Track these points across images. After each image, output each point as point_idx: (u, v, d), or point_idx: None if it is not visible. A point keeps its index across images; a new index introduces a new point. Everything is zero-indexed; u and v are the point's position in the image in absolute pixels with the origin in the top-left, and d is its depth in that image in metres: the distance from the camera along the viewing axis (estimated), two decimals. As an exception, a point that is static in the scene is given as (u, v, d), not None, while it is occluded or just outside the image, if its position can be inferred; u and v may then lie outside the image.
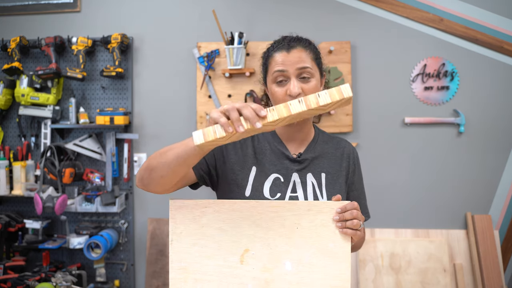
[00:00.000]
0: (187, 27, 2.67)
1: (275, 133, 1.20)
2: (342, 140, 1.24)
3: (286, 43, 1.11)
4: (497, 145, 2.55)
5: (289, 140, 1.19)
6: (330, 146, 1.20)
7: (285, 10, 2.62)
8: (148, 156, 2.68)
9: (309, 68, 1.08)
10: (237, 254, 0.98)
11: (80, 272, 2.49)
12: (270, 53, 1.14)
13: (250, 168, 1.14)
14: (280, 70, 1.08)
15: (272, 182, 1.13)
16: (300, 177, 1.14)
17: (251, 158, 1.15)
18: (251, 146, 1.17)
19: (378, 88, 2.60)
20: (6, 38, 2.66)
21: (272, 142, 1.18)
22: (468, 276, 2.50)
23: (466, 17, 2.54)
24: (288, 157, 1.16)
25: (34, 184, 2.60)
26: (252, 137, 1.19)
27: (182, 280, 1.00)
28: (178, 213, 1.00)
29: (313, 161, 1.16)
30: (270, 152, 1.16)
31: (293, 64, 1.07)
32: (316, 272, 0.97)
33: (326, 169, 1.16)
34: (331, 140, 1.23)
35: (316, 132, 1.23)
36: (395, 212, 2.61)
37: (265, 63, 1.16)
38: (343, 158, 1.20)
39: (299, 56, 1.08)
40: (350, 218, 0.96)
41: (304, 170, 1.15)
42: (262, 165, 1.15)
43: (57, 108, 2.62)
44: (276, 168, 1.14)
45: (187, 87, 2.67)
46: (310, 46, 1.13)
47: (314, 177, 1.15)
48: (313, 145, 1.19)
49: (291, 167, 1.15)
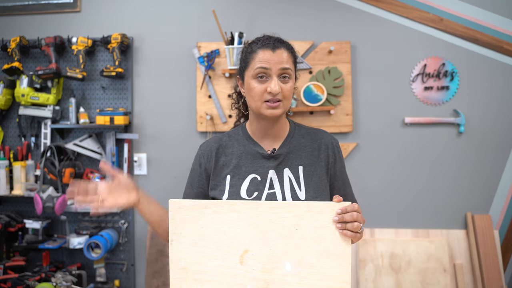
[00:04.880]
0: (187, 27, 2.67)
1: (248, 135, 1.23)
2: (320, 131, 1.25)
3: (272, 42, 1.13)
4: (497, 145, 2.55)
5: (263, 138, 1.22)
6: (307, 139, 1.22)
7: (285, 10, 2.62)
8: (148, 156, 2.69)
9: (290, 70, 1.12)
10: (236, 254, 0.98)
11: (80, 272, 2.49)
12: (253, 48, 1.15)
13: (224, 178, 1.19)
14: (264, 67, 1.11)
15: (249, 183, 1.16)
16: (276, 173, 1.17)
17: (223, 169, 1.20)
18: (223, 155, 1.22)
19: (378, 88, 2.60)
20: (6, 38, 2.66)
21: (247, 144, 1.21)
22: (468, 276, 2.50)
23: (466, 17, 2.54)
24: (263, 155, 1.18)
25: (34, 184, 2.60)
26: (223, 146, 1.23)
27: (182, 280, 1.00)
28: (177, 213, 1.00)
29: (288, 155, 1.19)
30: (246, 155, 1.19)
31: (277, 63, 1.11)
32: (316, 273, 0.97)
33: (303, 161, 1.18)
34: (308, 132, 1.25)
35: (291, 127, 1.25)
36: (395, 212, 2.61)
37: (245, 58, 1.17)
38: (321, 149, 1.21)
39: (283, 57, 1.12)
40: (350, 220, 0.96)
41: (280, 165, 1.17)
42: (239, 168, 1.18)
43: (57, 108, 2.63)
44: (253, 169, 1.17)
45: (187, 87, 2.67)
46: (291, 49, 1.17)
47: (291, 171, 1.17)
48: (288, 140, 1.21)
49: (267, 165, 1.17)
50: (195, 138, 2.67)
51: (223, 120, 2.62)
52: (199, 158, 1.25)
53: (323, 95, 2.51)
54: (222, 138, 1.26)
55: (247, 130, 1.24)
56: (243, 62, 1.18)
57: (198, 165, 1.24)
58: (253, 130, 1.23)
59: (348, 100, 2.57)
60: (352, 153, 2.60)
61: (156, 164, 2.70)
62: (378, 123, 2.60)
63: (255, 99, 1.13)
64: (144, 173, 2.69)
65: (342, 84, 2.55)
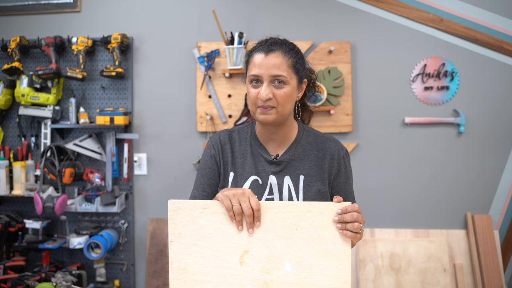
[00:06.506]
0: (187, 27, 2.67)
1: (255, 136, 1.22)
2: (329, 140, 1.21)
3: (267, 46, 1.11)
4: (497, 145, 2.55)
5: (268, 142, 1.20)
6: (313, 147, 1.19)
7: (285, 10, 2.62)
8: (148, 156, 2.69)
9: (283, 76, 1.08)
10: (236, 255, 0.98)
11: (80, 272, 2.49)
12: (251, 53, 1.15)
13: (228, 175, 1.19)
14: (254, 74, 1.10)
15: (250, 184, 1.15)
16: (277, 180, 1.16)
17: (229, 165, 1.19)
18: (230, 152, 1.21)
19: (378, 88, 2.60)
20: (6, 38, 2.66)
21: (253, 145, 1.20)
22: (468, 276, 2.50)
23: (466, 17, 2.54)
24: (266, 159, 1.18)
25: (34, 184, 2.60)
26: (232, 142, 1.22)
27: (182, 280, 1.00)
28: (177, 214, 1.00)
29: (291, 163, 1.17)
30: (251, 155, 1.19)
31: (267, 69, 1.08)
32: (316, 273, 0.97)
33: (305, 171, 1.16)
34: (316, 140, 1.21)
35: (299, 132, 1.22)
36: (395, 212, 2.61)
37: (246, 61, 1.17)
38: (325, 159, 1.18)
39: (274, 63, 1.08)
40: (350, 220, 0.95)
41: (281, 172, 1.16)
42: (242, 168, 1.18)
43: (57, 108, 2.62)
44: (255, 171, 1.17)
45: (187, 87, 2.67)
46: (291, 52, 1.12)
47: (292, 180, 1.16)
48: (294, 146, 1.19)
49: (268, 169, 1.17)
50: (195, 138, 2.67)
51: (223, 120, 2.62)
52: (209, 150, 1.23)
53: (323, 95, 2.51)
54: (232, 134, 1.24)
55: (255, 130, 1.23)
56: (245, 66, 1.18)
57: (209, 156, 1.22)
58: (259, 133, 1.21)
59: (348, 100, 2.57)
60: (352, 153, 2.60)
61: (156, 164, 2.70)
62: (378, 123, 2.60)
63: (250, 103, 1.13)
64: (144, 173, 2.69)
65: (342, 84, 2.55)
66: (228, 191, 0.98)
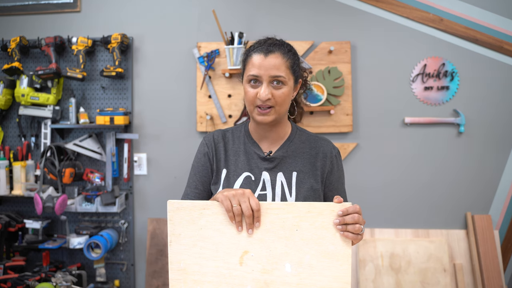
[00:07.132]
0: (187, 27, 2.67)
1: (249, 134, 1.25)
2: (321, 139, 1.25)
3: (266, 47, 1.14)
4: (497, 145, 2.55)
5: (261, 139, 1.23)
6: (306, 145, 1.22)
7: (285, 10, 2.62)
8: (148, 156, 2.69)
9: (282, 77, 1.11)
10: (236, 255, 0.98)
11: (80, 272, 2.49)
12: (249, 52, 1.17)
13: (221, 171, 1.21)
14: (254, 74, 1.12)
15: (243, 181, 1.17)
16: (270, 176, 1.18)
17: (221, 162, 1.22)
18: (223, 150, 1.23)
19: (378, 88, 2.59)
20: (6, 38, 2.66)
21: (246, 143, 1.23)
22: (468, 276, 2.50)
23: (466, 17, 2.54)
24: (259, 155, 1.20)
25: (34, 184, 2.60)
26: (225, 141, 1.24)
27: (181, 281, 1.00)
28: (176, 214, 1.00)
29: (284, 159, 1.19)
30: (244, 153, 1.21)
31: (267, 70, 1.11)
32: (316, 274, 0.97)
33: (298, 167, 1.19)
34: (309, 139, 1.24)
35: (293, 131, 1.25)
36: (395, 212, 2.61)
37: (243, 61, 1.19)
38: (318, 157, 1.21)
39: (274, 64, 1.11)
40: (351, 222, 0.95)
41: (274, 169, 1.19)
42: (235, 165, 1.20)
43: (57, 108, 2.62)
44: (248, 168, 1.19)
45: (187, 87, 2.67)
46: (289, 53, 1.15)
47: (285, 176, 1.18)
48: (287, 144, 1.22)
49: (261, 166, 1.19)
50: (195, 138, 2.67)
51: (223, 120, 2.62)
52: (203, 148, 1.26)
53: (323, 95, 2.51)
54: (225, 134, 1.27)
55: (249, 129, 1.26)
56: (242, 65, 1.20)
57: (202, 154, 1.25)
58: (252, 131, 1.25)
59: (348, 100, 2.57)
60: (352, 153, 2.60)
61: (156, 164, 2.70)
62: (378, 123, 2.60)
63: (248, 103, 1.15)
64: (144, 173, 2.69)
65: (342, 84, 2.55)
66: (228, 192, 0.98)
